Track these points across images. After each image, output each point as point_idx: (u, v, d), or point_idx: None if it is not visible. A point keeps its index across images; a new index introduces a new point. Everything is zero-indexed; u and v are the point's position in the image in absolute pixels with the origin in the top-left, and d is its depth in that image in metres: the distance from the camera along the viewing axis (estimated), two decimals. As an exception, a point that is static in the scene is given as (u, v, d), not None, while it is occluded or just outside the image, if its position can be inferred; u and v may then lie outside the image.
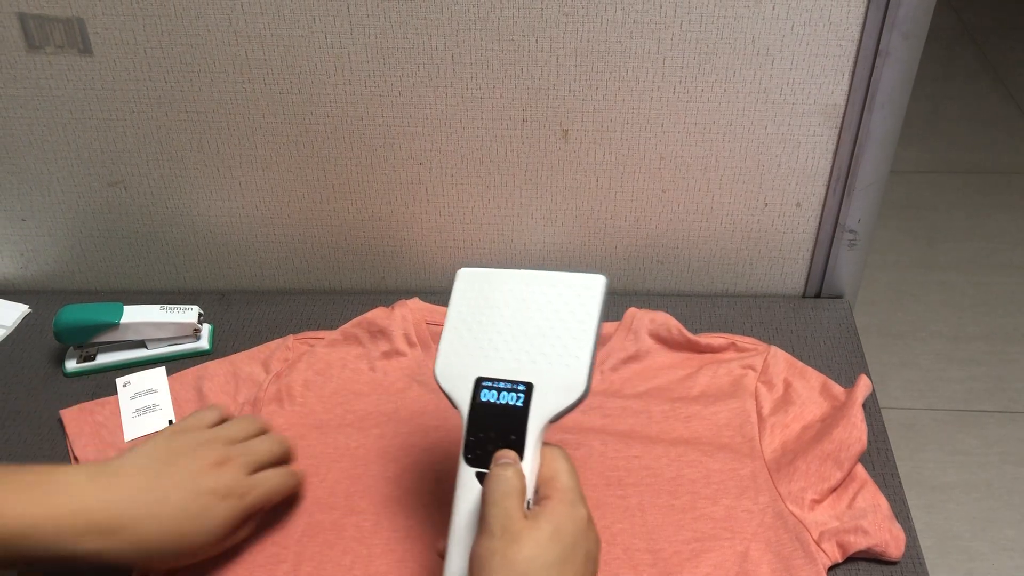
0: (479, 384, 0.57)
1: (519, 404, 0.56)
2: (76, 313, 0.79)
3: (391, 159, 0.81)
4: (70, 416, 0.75)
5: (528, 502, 0.53)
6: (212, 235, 0.87)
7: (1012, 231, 1.97)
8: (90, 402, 0.77)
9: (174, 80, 0.77)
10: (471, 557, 0.51)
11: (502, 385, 0.56)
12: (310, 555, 0.65)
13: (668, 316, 0.79)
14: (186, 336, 0.81)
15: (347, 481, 0.70)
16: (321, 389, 0.76)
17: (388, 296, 0.86)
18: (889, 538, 0.63)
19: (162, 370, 0.79)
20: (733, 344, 0.78)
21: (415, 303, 0.82)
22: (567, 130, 0.78)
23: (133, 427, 0.74)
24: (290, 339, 0.81)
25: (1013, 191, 2.08)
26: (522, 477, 0.53)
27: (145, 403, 0.76)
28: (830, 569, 0.63)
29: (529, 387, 0.56)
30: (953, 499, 1.47)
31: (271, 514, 0.67)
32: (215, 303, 0.88)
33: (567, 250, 0.86)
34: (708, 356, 0.77)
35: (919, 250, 1.93)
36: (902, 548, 0.63)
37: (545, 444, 0.56)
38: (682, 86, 0.75)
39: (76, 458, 0.72)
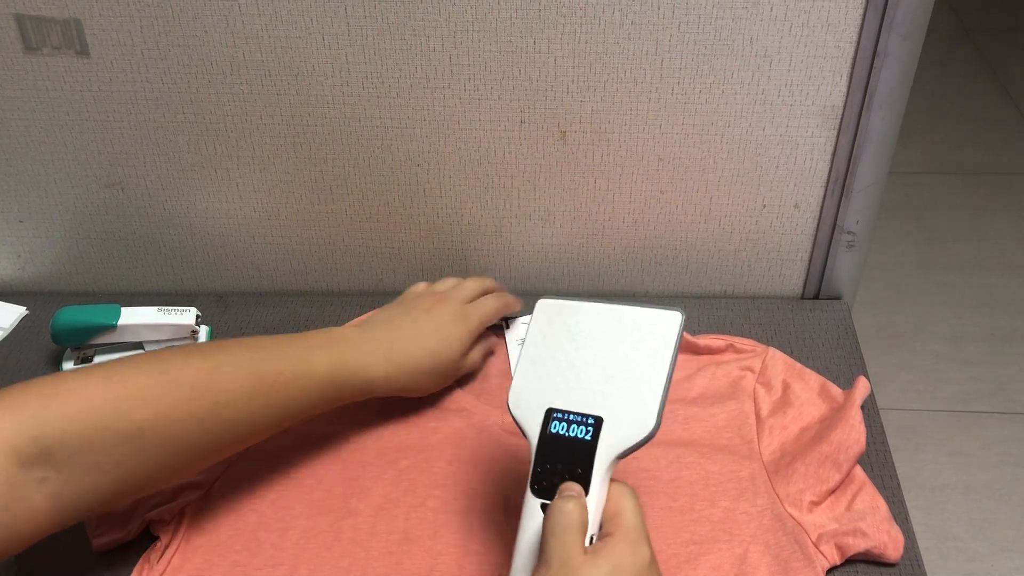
0: (549, 415, 0.57)
1: (588, 438, 0.55)
2: (73, 315, 0.78)
3: (389, 160, 0.81)
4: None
5: (592, 537, 0.53)
6: (210, 236, 0.87)
7: (1011, 232, 1.97)
8: (87, 404, 0.76)
9: (171, 81, 0.77)
10: None
11: (572, 418, 0.56)
12: (307, 558, 0.65)
13: None
14: (183, 338, 0.81)
15: (345, 483, 0.69)
16: None
17: (386, 298, 0.85)
18: (888, 540, 0.63)
19: (159, 372, 0.79)
20: (731, 346, 0.77)
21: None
22: (565, 131, 0.78)
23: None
24: None
25: (1012, 192, 2.08)
26: (584, 511, 0.53)
27: (142, 405, 0.75)
28: (828, 571, 0.63)
29: (599, 421, 0.56)
30: (952, 500, 1.47)
31: (269, 514, 0.67)
32: (213, 305, 0.88)
33: (565, 252, 0.86)
34: (706, 358, 0.77)
35: (918, 251, 1.93)
36: (901, 550, 0.63)
37: (613, 480, 0.56)
38: (680, 87, 0.75)
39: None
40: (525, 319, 0.81)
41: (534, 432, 0.57)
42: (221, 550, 0.66)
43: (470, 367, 0.76)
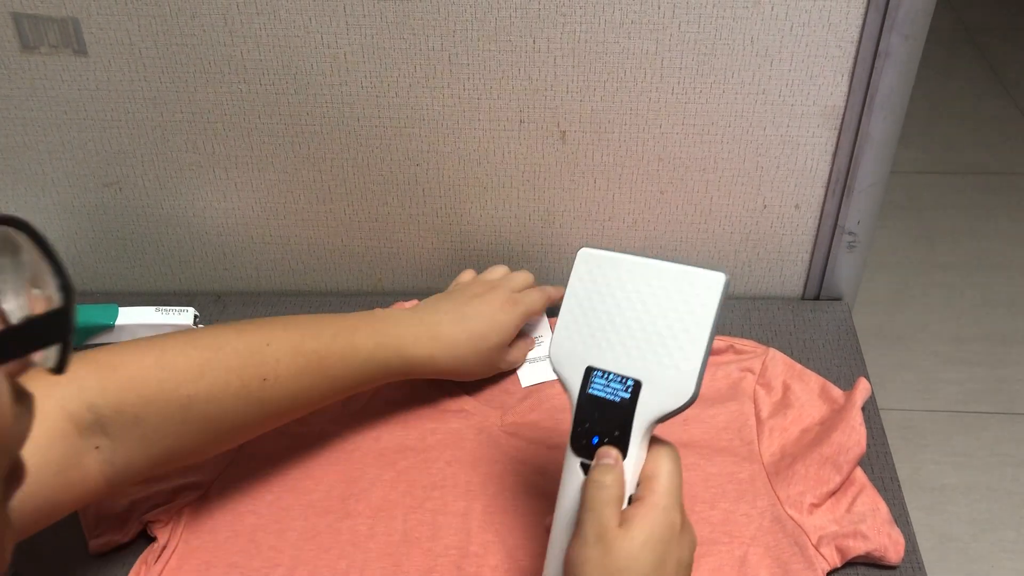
0: (589, 373, 0.56)
1: (626, 401, 0.54)
2: (71, 315, 0.78)
3: (388, 160, 0.81)
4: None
5: (630, 497, 0.53)
6: (208, 236, 0.87)
7: (1012, 232, 1.97)
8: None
9: (169, 80, 0.77)
10: (566, 557, 0.52)
11: (612, 378, 0.55)
12: (306, 559, 0.64)
13: None
14: (181, 338, 0.81)
15: (343, 484, 0.69)
16: None
17: (385, 298, 0.85)
18: (888, 543, 0.63)
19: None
20: (731, 347, 0.77)
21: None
22: (565, 131, 0.78)
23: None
24: None
25: (1013, 191, 2.08)
26: (621, 484, 0.52)
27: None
28: (829, 574, 0.63)
29: (638, 385, 0.55)
30: (952, 501, 1.47)
31: (267, 515, 0.67)
32: (211, 305, 0.87)
33: (565, 252, 0.86)
34: None
35: (918, 251, 1.93)
36: (901, 553, 0.63)
37: (655, 440, 0.55)
38: (680, 87, 0.75)
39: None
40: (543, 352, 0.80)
41: (574, 389, 0.56)
42: (219, 551, 0.65)
43: (512, 362, 0.77)
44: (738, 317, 0.83)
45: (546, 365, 0.78)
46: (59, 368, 0.33)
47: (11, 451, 0.33)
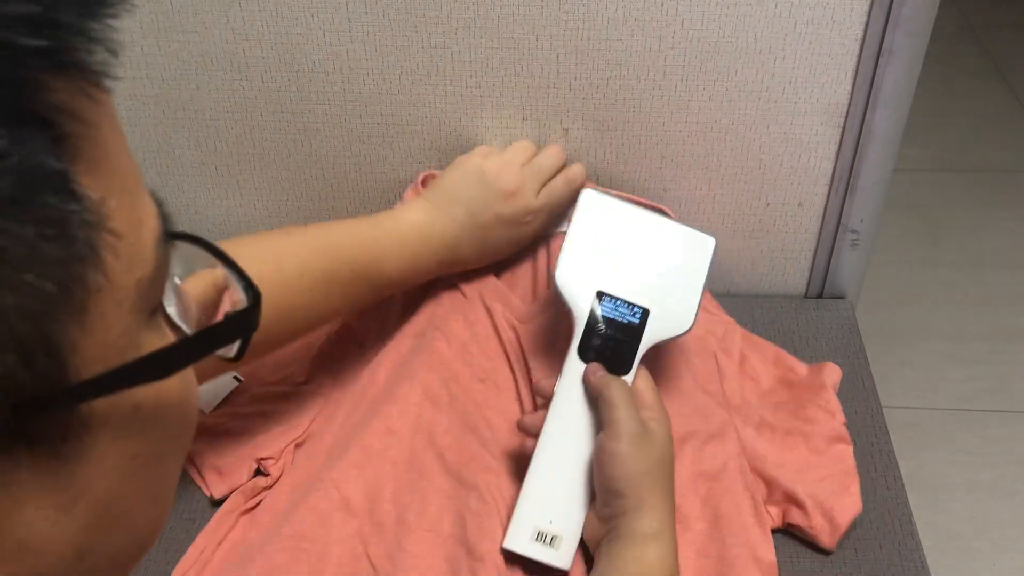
0: (600, 296, 0.65)
1: (635, 324, 0.64)
2: (72, 312, 0.78)
3: (390, 158, 0.81)
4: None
5: None
6: (209, 234, 0.85)
7: (1015, 229, 1.96)
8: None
9: (171, 78, 0.77)
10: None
11: (620, 304, 0.65)
12: (373, 472, 0.67)
13: None
14: (183, 336, 0.81)
15: (415, 407, 0.70)
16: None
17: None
18: (826, 526, 0.64)
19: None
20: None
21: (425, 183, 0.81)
22: (567, 129, 0.78)
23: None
24: None
25: (1016, 189, 2.07)
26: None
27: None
28: (838, 569, 0.63)
29: (646, 312, 0.65)
30: (955, 499, 1.47)
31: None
32: (213, 302, 0.87)
33: (567, 249, 0.85)
34: None
35: (922, 249, 1.92)
36: (835, 541, 0.64)
37: None
38: (683, 84, 0.75)
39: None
40: None
41: (582, 307, 0.65)
42: (309, 478, 0.68)
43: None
44: (741, 315, 0.83)
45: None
46: (238, 358, 0.35)
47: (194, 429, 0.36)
